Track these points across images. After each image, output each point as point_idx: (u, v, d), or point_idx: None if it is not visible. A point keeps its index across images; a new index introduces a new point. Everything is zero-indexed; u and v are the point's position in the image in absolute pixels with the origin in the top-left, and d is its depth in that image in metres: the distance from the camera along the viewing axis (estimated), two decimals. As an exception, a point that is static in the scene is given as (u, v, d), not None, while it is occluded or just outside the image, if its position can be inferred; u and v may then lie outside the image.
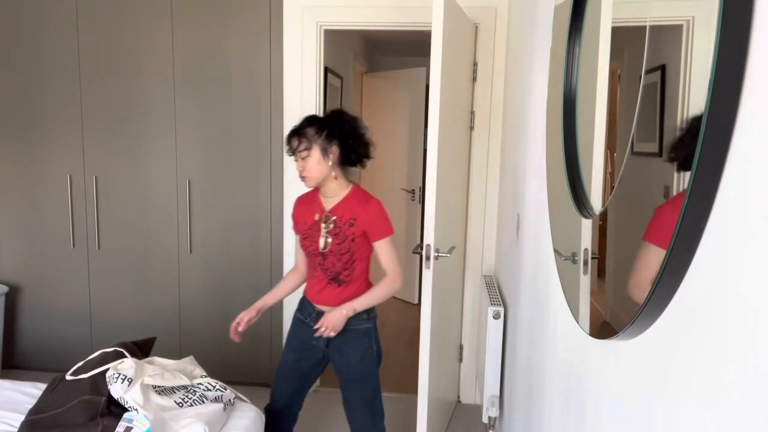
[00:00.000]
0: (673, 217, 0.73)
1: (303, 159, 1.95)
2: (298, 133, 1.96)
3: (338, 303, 2.01)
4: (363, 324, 2.05)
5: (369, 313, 2.06)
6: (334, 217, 1.99)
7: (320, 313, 2.06)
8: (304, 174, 1.96)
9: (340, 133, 1.95)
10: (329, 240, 1.99)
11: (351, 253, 2.00)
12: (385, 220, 2.02)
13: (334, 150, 1.95)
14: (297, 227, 2.11)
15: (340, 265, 2.01)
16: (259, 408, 2.12)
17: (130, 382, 1.81)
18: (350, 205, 2.00)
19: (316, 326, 1.99)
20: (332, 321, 1.96)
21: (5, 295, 3.32)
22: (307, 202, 2.08)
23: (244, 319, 2.12)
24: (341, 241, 1.99)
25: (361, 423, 2.13)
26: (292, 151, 1.96)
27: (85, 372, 1.94)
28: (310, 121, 1.98)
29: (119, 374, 1.82)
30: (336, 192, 2.01)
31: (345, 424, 2.95)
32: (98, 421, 1.74)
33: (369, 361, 2.07)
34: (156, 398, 1.82)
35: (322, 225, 2.01)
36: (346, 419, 2.17)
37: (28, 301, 3.40)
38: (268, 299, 2.19)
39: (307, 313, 2.10)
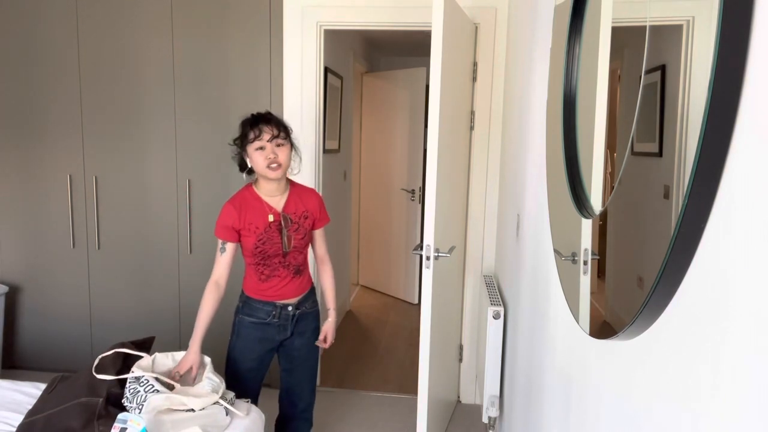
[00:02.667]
0: None
1: (279, 147, 1.95)
2: (277, 121, 1.98)
3: (302, 292, 2.12)
4: (315, 306, 2.21)
5: (315, 294, 2.22)
6: (290, 215, 2.04)
7: (284, 307, 2.09)
8: (279, 161, 1.94)
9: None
10: (292, 237, 2.04)
11: (309, 243, 2.14)
12: (325, 208, 2.18)
13: (293, 150, 2.04)
14: (244, 234, 2.00)
15: (301, 257, 2.11)
16: (259, 408, 2.12)
17: (157, 392, 1.82)
18: (298, 198, 2.08)
19: (323, 343, 2.17)
20: (333, 332, 2.19)
21: (5, 295, 3.32)
22: (248, 206, 2.00)
23: (195, 368, 2.02)
24: (303, 235, 2.07)
25: (310, 400, 2.26)
26: (272, 137, 1.93)
27: (108, 372, 1.95)
28: (276, 117, 2.02)
29: (152, 385, 1.83)
30: (283, 189, 2.05)
31: (344, 423, 2.95)
32: (94, 424, 1.74)
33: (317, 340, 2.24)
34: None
35: (282, 225, 2.01)
36: (293, 401, 2.23)
37: (28, 301, 3.40)
38: (200, 336, 2.04)
39: (266, 312, 2.08)
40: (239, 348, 2.12)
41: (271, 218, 2.01)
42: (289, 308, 2.10)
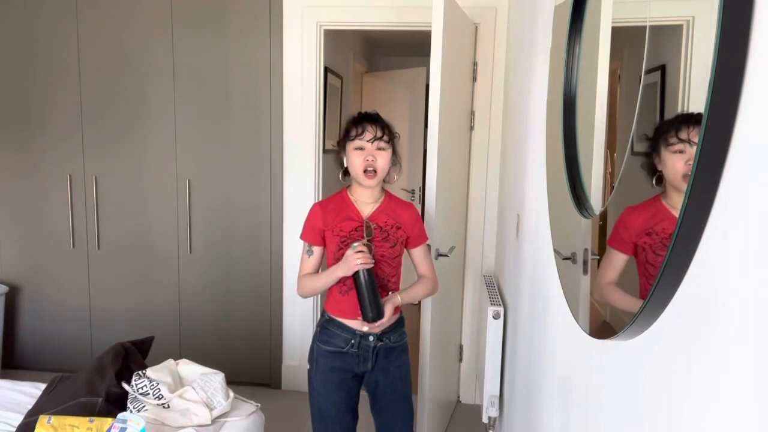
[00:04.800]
0: (635, 222, 0.80)
1: (379, 150, 1.79)
2: (382, 123, 1.83)
3: (390, 316, 1.83)
4: (403, 339, 1.94)
5: (403, 326, 1.95)
6: (374, 224, 1.85)
7: (364, 338, 1.84)
8: (375, 166, 1.78)
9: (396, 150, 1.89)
10: (373, 246, 1.83)
11: (400, 257, 1.90)
12: (423, 225, 1.97)
13: (394, 156, 1.87)
14: (327, 236, 1.85)
15: (390, 270, 1.87)
16: (259, 409, 2.12)
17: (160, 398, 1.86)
18: (390, 209, 1.88)
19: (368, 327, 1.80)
20: (388, 310, 1.80)
21: (5, 295, 3.31)
22: (337, 209, 1.86)
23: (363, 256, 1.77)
24: (393, 244, 1.87)
25: None
26: (373, 138, 1.78)
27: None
28: (382, 119, 1.86)
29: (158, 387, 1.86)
30: (376, 197, 1.89)
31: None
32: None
33: (410, 377, 1.96)
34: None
35: (365, 233, 1.83)
36: None
37: (28, 301, 3.40)
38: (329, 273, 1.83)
39: (344, 340, 1.85)
40: (319, 379, 1.89)
41: (358, 224, 1.85)
42: (370, 338, 1.84)
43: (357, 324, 1.82)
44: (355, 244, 1.75)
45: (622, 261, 0.86)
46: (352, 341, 1.85)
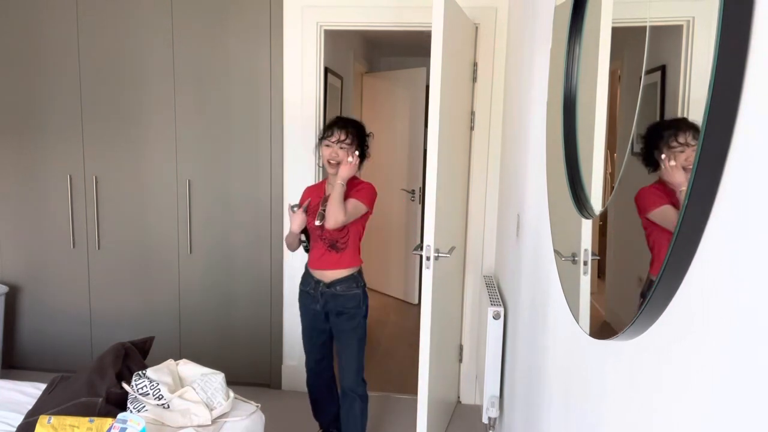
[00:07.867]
0: (656, 193, 0.83)
1: (341, 149, 2.32)
2: (348, 129, 2.34)
3: (337, 268, 2.38)
4: (352, 291, 2.41)
5: (358, 282, 2.42)
6: (327, 194, 2.39)
7: (318, 282, 2.40)
8: (336, 161, 2.32)
9: (365, 146, 2.41)
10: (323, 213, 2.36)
11: (346, 224, 2.35)
12: (367, 195, 2.37)
13: (357, 156, 2.36)
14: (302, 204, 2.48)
15: (335, 232, 2.36)
16: (260, 409, 2.12)
17: (160, 399, 1.87)
18: (348, 189, 2.35)
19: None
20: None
21: (5, 295, 3.31)
22: (315, 190, 2.51)
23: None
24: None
25: (347, 382, 2.42)
26: (338, 141, 2.31)
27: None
28: (352, 123, 2.38)
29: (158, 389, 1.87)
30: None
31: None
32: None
33: (358, 319, 2.43)
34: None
35: (321, 204, 2.38)
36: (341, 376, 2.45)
37: (28, 301, 3.40)
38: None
39: (306, 283, 2.47)
40: (300, 310, 2.54)
41: (318, 199, 2.41)
42: (321, 285, 2.39)
43: (315, 273, 2.42)
44: (294, 207, 2.43)
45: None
46: (311, 283, 2.44)
